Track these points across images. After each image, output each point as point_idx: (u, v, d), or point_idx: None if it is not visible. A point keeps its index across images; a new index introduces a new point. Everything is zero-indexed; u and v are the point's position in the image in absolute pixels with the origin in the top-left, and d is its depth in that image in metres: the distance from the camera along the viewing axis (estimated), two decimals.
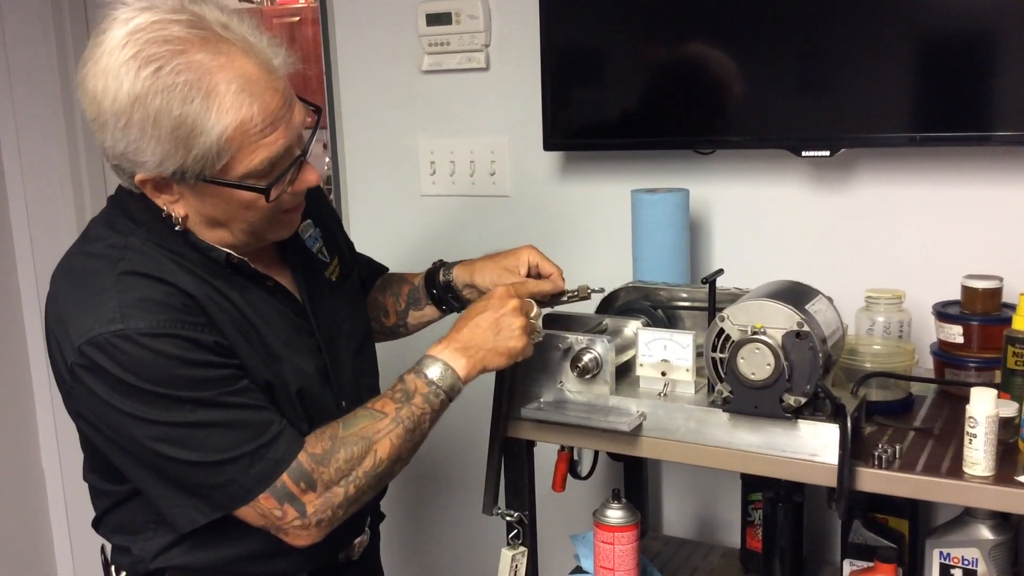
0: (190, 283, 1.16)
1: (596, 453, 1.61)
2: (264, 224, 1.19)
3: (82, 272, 1.16)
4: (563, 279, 1.41)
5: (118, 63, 1.06)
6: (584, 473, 1.61)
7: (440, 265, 1.51)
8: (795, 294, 1.28)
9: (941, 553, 1.37)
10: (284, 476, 1.15)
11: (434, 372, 1.24)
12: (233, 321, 1.19)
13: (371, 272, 1.61)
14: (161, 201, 1.16)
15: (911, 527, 1.54)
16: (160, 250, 1.17)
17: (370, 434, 1.19)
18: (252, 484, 1.14)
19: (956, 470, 1.19)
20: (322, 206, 1.46)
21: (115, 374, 1.10)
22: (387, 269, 1.64)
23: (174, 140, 1.07)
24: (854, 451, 1.22)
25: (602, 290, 1.44)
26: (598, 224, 1.90)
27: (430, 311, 1.53)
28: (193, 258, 1.19)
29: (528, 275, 1.42)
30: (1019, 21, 1.45)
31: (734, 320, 1.25)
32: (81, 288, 1.15)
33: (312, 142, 1.20)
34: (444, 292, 1.49)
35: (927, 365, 1.53)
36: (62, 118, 2.42)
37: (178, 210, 1.16)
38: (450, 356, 1.25)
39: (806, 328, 1.21)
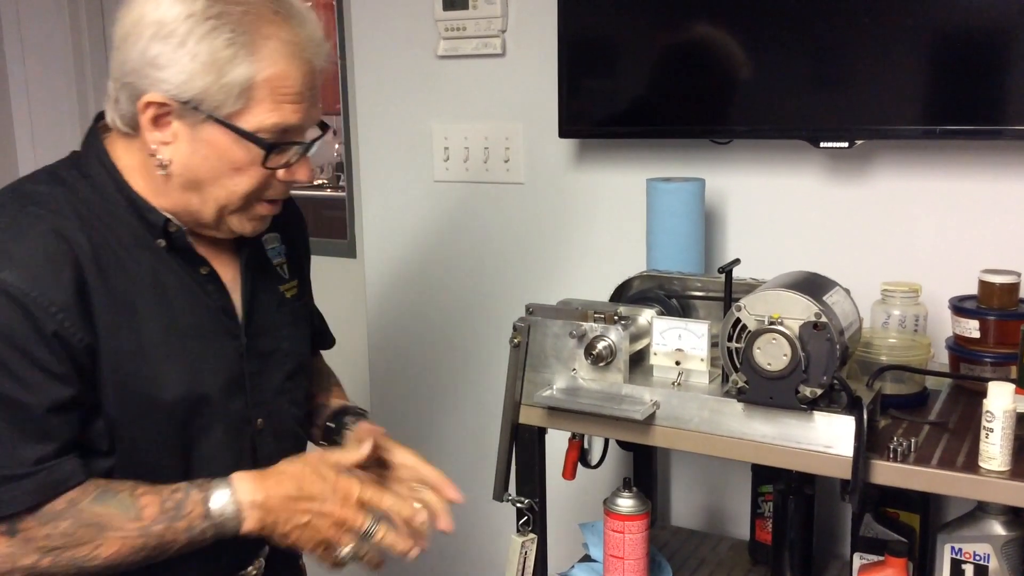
0: (94, 243, 1.09)
1: (606, 442, 1.61)
2: (238, 203, 1.14)
3: None
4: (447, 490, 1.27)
5: None
6: (594, 462, 1.60)
7: (342, 423, 1.35)
8: (813, 285, 1.28)
9: (952, 548, 1.36)
10: None
11: (221, 509, 1.09)
12: (118, 304, 1.10)
13: (316, 337, 1.46)
14: (151, 138, 1.10)
15: (922, 521, 1.54)
16: (94, 204, 1.12)
17: (107, 524, 1.06)
18: None
19: (971, 464, 1.19)
20: (302, 233, 1.40)
21: None
22: (332, 343, 1.51)
23: (209, 63, 1.05)
24: (869, 444, 1.22)
25: None
26: (612, 213, 1.89)
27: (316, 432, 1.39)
28: (125, 222, 1.13)
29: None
30: None
31: (751, 310, 1.25)
32: None
33: (315, 146, 1.17)
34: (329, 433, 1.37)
35: (942, 359, 1.52)
36: (75, 95, 2.42)
37: (165, 153, 1.11)
38: (249, 507, 1.10)
39: (824, 319, 1.20)
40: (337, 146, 2.40)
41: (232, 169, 1.11)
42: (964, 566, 1.35)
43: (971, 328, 1.43)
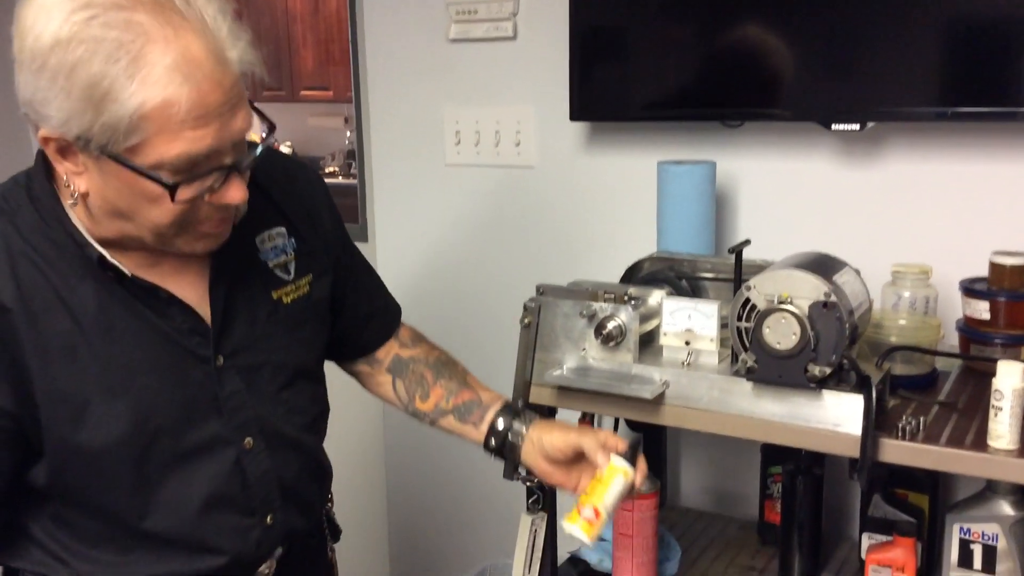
0: (24, 287, 1.03)
1: (616, 421, 1.62)
2: (171, 230, 1.02)
3: None
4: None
5: (54, 1, 0.93)
6: None
7: (509, 424, 1.29)
8: (822, 265, 1.28)
9: (961, 528, 1.37)
10: None
11: None
12: (52, 349, 1.04)
13: (381, 326, 1.37)
14: (63, 169, 1.00)
15: (931, 502, 1.54)
16: (35, 234, 1.05)
17: None
18: None
19: (980, 443, 1.19)
20: (322, 214, 1.26)
21: None
22: (396, 322, 1.38)
23: (85, 99, 0.93)
24: (878, 423, 1.22)
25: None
26: (624, 195, 1.89)
27: (472, 432, 1.32)
28: (69, 253, 1.05)
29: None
30: None
31: (760, 289, 1.25)
32: None
33: (253, 159, 1.03)
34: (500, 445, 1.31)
35: (952, 341, 1.52)
36: None
37: (79, 184, 1.00)
38: None
39: (833, 298, 1.21)
40: (349, 133, 2.40)
41: (147, 201, 0.99)
42: (973, 546, 1.36)
43: (981, 310, 1.43)
